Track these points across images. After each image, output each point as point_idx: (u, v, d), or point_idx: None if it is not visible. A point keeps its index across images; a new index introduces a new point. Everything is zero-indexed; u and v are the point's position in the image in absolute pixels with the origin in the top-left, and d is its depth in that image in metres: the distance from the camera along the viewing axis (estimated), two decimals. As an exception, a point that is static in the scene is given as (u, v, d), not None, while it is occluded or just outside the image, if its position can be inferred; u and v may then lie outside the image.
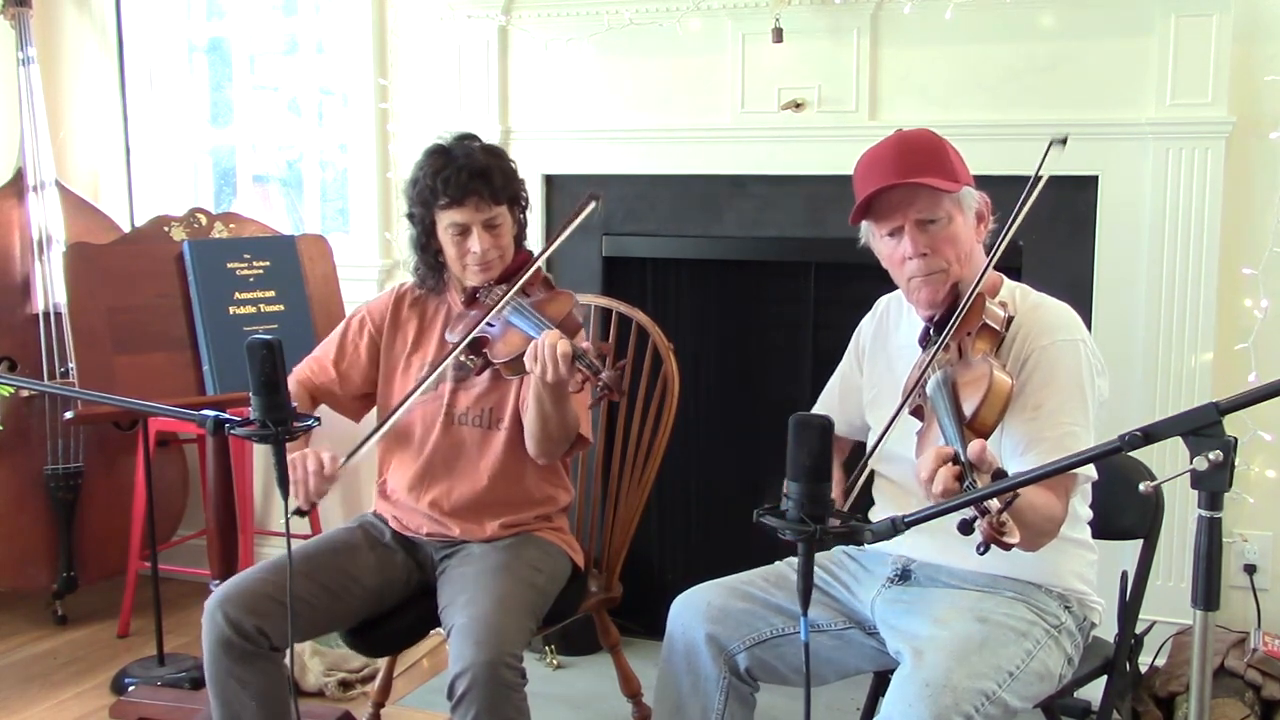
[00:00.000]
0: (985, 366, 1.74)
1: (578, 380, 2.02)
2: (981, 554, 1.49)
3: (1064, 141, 1.82)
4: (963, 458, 1.56)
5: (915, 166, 1.87)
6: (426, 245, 2.30)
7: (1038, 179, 1.83)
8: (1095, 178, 2.75)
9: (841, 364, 2.23)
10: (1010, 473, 1.74)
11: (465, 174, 2.18)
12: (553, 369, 2.01)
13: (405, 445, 2.35)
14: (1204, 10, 2.61)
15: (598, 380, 1.96)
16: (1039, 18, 2.74)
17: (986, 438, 1.65)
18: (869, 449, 1.90)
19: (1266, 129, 2.68)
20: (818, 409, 2.21)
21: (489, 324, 2.19)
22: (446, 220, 2.22)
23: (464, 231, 2.22)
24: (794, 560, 2.04)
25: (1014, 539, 1.47)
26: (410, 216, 2.30)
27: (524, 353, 2.06)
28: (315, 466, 2.08)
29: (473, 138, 2.28)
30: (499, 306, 2.18)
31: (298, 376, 2.36)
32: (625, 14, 3.01)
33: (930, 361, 1.83)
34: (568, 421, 2.18)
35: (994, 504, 1.47)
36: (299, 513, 2.12)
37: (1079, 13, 2.71)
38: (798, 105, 2.93)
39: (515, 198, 2.29)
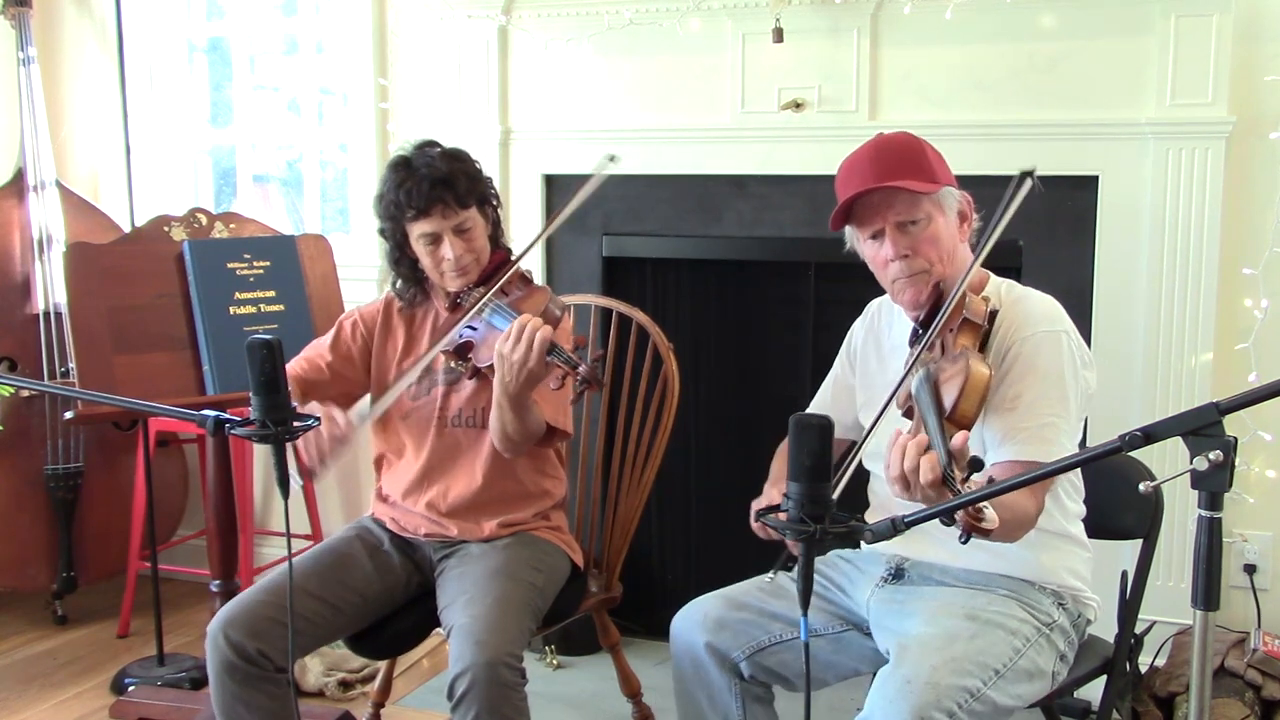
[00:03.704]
0: (964, 359, 1.75)
1: (557, 375, 2.01)
2: (963, 542, 1.50)
3: (1031, 174, 1.85)
4: (942, 450, 1.57)
5: (891, 169, 1.88)
6: (401, 258, 2.29)
7: (1009, 205, 1.85)
8: (1095, 178, 2.75)
9: (834, 366, 2.23)
10: (988, 463, 1.76)
11: (427, 184, 2.16)
12: (525, 349, 1.99)
13: (401, 451, 2.36)
14: (1204, 10, 2.61)
15: (576, 374, 1.95)
16: (1039, 18, 2.75)
17: (969, 429, 1.67)
18: (858, 444, 1.90)
19: (1266, 129, 2.68)
20: (811, 410, 2.22)
21: (471, 327, 2.19)
22: (416, 231, 2.21)
23: (435, 240, 2.21)
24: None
25: (992, 525, 1.48)
26: (382, 232, 2.29)
27: None
28: (329, 429, 2.06)
29: (433, 144, 2.26)
30: (476, 309, 2.18)
31: (291, 373, 2.35)
32: (625, 14, 3.01)
33: (915, 360, 1.83)
34: (528, 429, 2.17)
35: (970, 491, 1.49)
36: (308, 475, 2.10)
37: (1079, 13, 2.72)
38: (798, 105, 2.93)
39: (483, 198, 2.27)
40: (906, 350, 1.98)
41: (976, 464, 1.55)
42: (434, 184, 2.17)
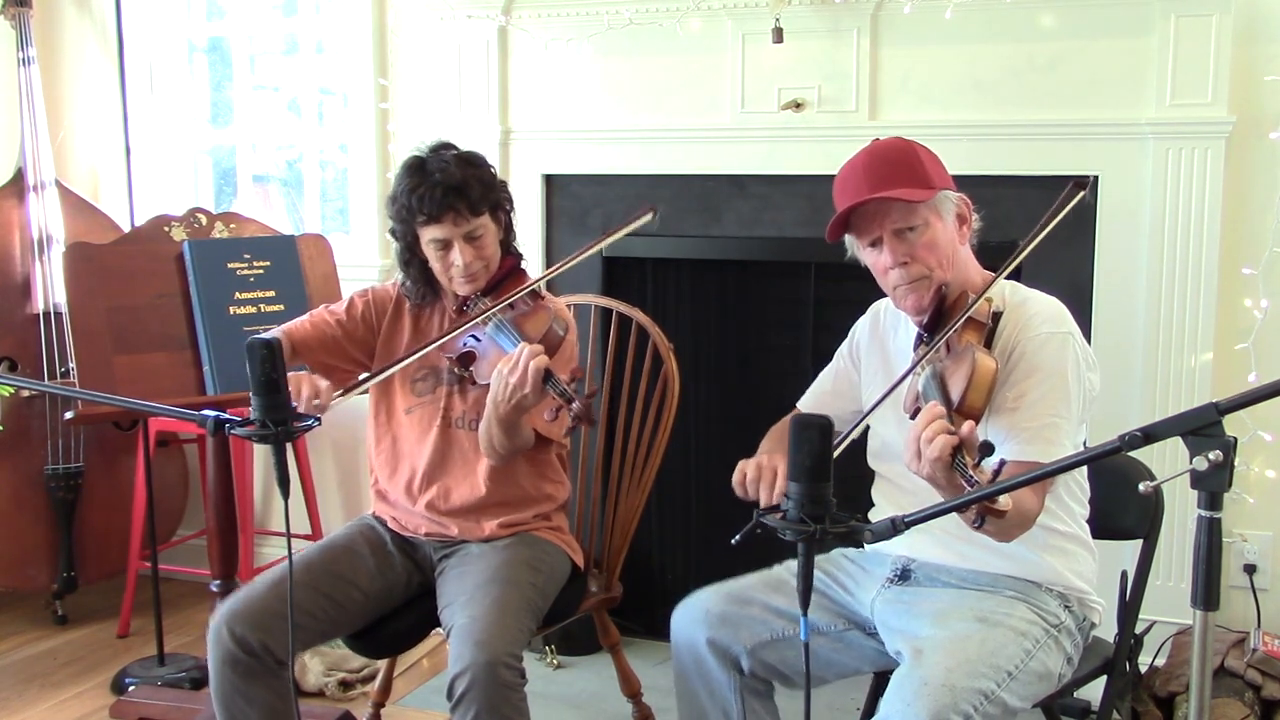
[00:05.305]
0: (969, 353, 1.77)
1: (551, 407, 2.02)
2: (976, 527, 1.52)
3: (1085, 186, 1.89)
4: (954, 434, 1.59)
5: (886, 179, 1.89)
6: (411, 260, 2.29)
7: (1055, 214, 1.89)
8: (1095, 178, 2.75)
9: (835, 359, 2.23)
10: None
11: (440, 190, 2.15)
12: (520, 376, 2.01)
13: (402, 451, 2.35)
14: (1204, 10, 2.61)
15: (570, 408, 1.97)
16: (1039, 18, 2.75)
17: (976, 420, 1.68)
18: (848, 431, 1.90)
19: (1266, 129, 2.68)
20: (807, 397, 2.23)
21: (475, 338, 2.20)
22: (427, 236, 2.21)
23: (446, 246, 2.20)
24: (791, 564, 2.06)
25: (1005, 507, 1.50)
26: (393, 233, 2.29)
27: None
28: (310, 393, 2.06)
29: (449, 147, 2.25)
30: (478, 320, 2.19)
31: (288, 329, 2.32)
32: (625, 14, 3.01)
33: (921, 360, 1.84)
34: (515, 445, 2.19)
35: (983, 477, 1.52)
36: None
37: (1079, 13, 2.72)
38: (798, 105, 2.93)
39: (496, 205, 2.26)
40: (912, 355, 1.98)
41: (987, 448, 1.57)
42: (447, 190, 2.16)
